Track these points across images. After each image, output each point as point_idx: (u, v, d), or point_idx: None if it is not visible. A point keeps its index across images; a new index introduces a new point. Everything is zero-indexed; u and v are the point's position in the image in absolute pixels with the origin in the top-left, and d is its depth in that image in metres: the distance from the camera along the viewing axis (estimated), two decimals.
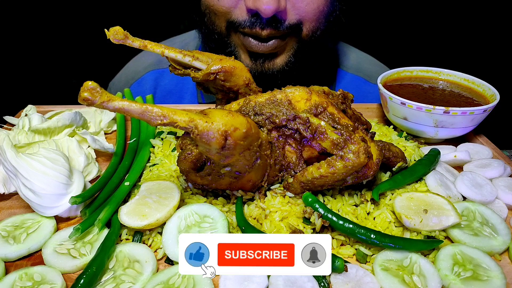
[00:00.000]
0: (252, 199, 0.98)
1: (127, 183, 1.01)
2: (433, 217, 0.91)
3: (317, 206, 0.89)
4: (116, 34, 0.91)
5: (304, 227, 0.90)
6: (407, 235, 0.92)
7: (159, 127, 1.34)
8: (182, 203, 0.97)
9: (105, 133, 1.41)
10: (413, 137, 1.35)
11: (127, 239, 0.91)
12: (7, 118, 1.33)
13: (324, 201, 0.97)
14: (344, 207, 0.96)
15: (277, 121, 0.91)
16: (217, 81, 1.05)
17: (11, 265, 0.85)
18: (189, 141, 0.93)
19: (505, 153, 1.33)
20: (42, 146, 1.13)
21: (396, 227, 0.94)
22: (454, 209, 0.92)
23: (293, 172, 0.97)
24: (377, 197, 0.95)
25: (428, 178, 1.06)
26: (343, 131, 0.87)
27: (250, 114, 0.93)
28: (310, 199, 0.90)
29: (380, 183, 1.01)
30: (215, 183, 0.93)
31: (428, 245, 0.86)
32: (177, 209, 0.92)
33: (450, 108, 1.18)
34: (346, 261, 0.83)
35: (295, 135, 0.93)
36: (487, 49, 3.27)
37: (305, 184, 0.93)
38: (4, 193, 1.02)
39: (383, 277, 0.79)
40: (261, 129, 0.92)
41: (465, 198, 1.04)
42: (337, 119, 0.92)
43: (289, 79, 1.44)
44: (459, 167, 1.21)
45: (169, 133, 1.31)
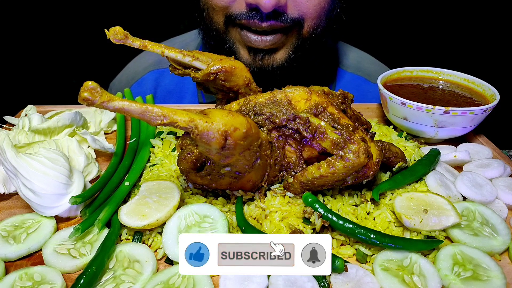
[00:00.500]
0: (252, 199, 0.98)
1: (127, 183, 1.01)
2: (433, 217, 0.91)
3: (317, 206, 0.89)
4: (116, 34, 0.91)
5: (304, 227, 0.90)
6: (407, 235, 0.92)
7: (159, 127, 1.34)
8: (182, 203, 0.97)
9: (105, 133, 1.41)
10: (413, 137, 1.35)
11: (127, 239, 0.91)
12: (7, 118, 1.33)
13: (324, 201, 0.97)
14: (344, 207, 0.96)
15: (277, 121, 0.91)
16: (217, 81, 1.05)
17: (11, 265, 0.85)
18: (189, 141, 0.93)
19: (505, 153, 1.33)
20: (42, 146, 1.13)
21: (396, 227, 0.94)
22: (454, 209, 0.92)
23: (293, 172, 0.97)
24: (377, 197, 0.95)
25: (428, 178, 1.06)
26: (343, 131, 0.87)
27: (250, 114, 0.93)
28: (310, 199, 0.90)
29: (380, 183, 1.01)
30: (215, 183, 0.93)
31: (428, 245, 0.86)
32: (177, 209, 0.92)
33: (450, 108, 1.18)
34: (346, 261, 0.83)
35: (295, 135, 0.93)
36: (487, 49, 3.27)
37: (305, 184, 0.93)
38: (4, 193, 1.02)
39: (383, 277, 0.79)
40: (261, 129, 0.92)
41: (465, 198, 1.04)
42: (337, 119, 0.92)
43: (288, 76, 1.44)
44: (459, 167, 1.21)
45: (169, 133, 1.30)
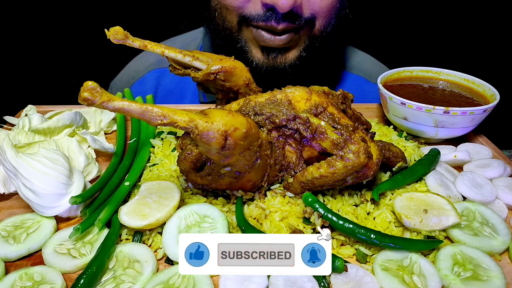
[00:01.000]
0: (252, 199, 0.98)
1: (127, 183, 1.01)
2: (433, 217, 0.91)
3: (317, 206, 0.89)
4: (116, 34, 0.91)
5: (304, 227, 0.90)
6: (407, 235, 0.92)
7: (159, 127, 1.34)
8: (182, 203, 0.97)
9: (105, 133, 1.41)
10: (413, 137, 1.35)
11: (127, 239, 0.91)
12: (7, 118, 1.33)
13: (324, 201, 0.97)
14: (344, 207, 0.96)
15: (277, 121, 0.91)
16: (217, 81, 1.05)
17: (11, 265, 0.85)
18: (189, 141, 0.93)
19: (505, 153, 1.33)
20: (42, 146, 1.13)
21: (396, 227, 0.94)
22: (454, 209, 0.92)
23: (293, 172, 0.97)
24: (377, 197, 0.95)
25: (428, 178, 1.06)
26: (343, 131, 0.87)
27: (250, 114, 0.93)
28: (310, 199, 0.90)
29: (380, 183, 1.01)
30: (215, 183, 0.93)
31: (428, 245, 0.86)
32: (177, 209, 0.92)
33: (450, 108, 1.18)
34: (346, 261, 0.83)
35: (295, 135, 0.93)
36: (487, 49, 3.27)
37: (305, 184, 0.93)
38: (4, 193, 1.02)
39: (383, 277, 0.79)
40: (261, 129, 0.92)
41: (465, 198, 1.04)
42: (337, 119, 0.92)
43: (298, 76, 1.45)
44: (459, 167, 1.21)
45: (169, 133, 1.30)
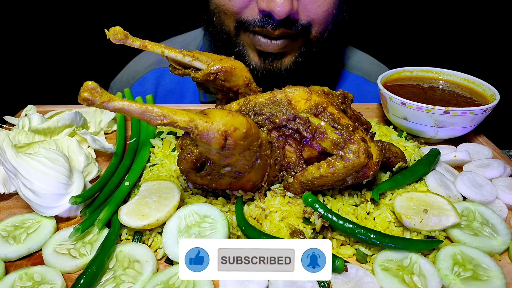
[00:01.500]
0: (252, 199, 0.98)
1: (127, 183, 1.01)
2: (433, 217, 0.91)
3: (317, 206, 0.89)
4: (116, 34, 0.91)
5: (304, 227, 0.90)
6: (407, 235, 0.92)
7: (159, 127, 1.34)
8: (182, 203, 0.97)
9: (105, 133, 1.41)
10: (413, 137, 1.35)
11: (127, 239, 0.91)
12: (7, 118, 1.33)
13: (324, 201, 0.97)
14: (344, 207, 0.96)
15: (277, 121, 0.91)
16: (217, 81, 1.05)
17: (11, 265, 0.85)
18: (189, 141, 0.93)
19: (505, 153, 1.33)
20: (42, 146, 1.13)
21: (396, 227, 0.94)
22: (454, 209, 0.92)
23: (293, 172, 0.97)
24: (377, 197, 0.95)
25: (428, 178, 1.06)
26: (343, 131, 0.87)
27: (250, 114, 0.93)
28: (310, 199, 0.90)
29: (380, 183, 1.01)
30: (215, 183, 0.93)
31: (428, 245, 0.86)
32: (177, 209, 0.92)
33: (450, 108, 1.18)
34: (346, 261, 0.83)
35: (295, 135, 0.93)
36: (487, 49, 3.27)
37: (305, 184, 0.93)
38: (4, 193, 1.02)
39: (383, 277, 0.79)
40: (261, 129, 0.92)
41: (465, 198, 1.04)
42: (337, 119, 0.92)
43: (295, 78, 1.45)
44: (459, 167, 1.21)
45: (169, 133, 1.30)
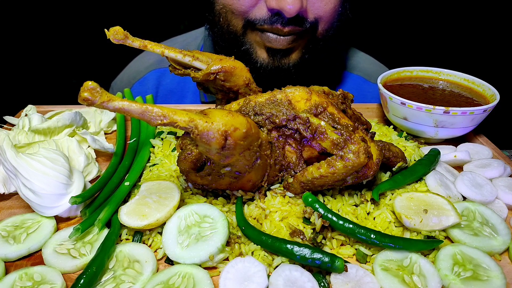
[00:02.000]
0: (252, 199, 0.98)
1: (127, 183, 1.01)
2: (433, 217, 0.91)
3: (317, 206, 0.89)
4: (116, 34, 0.91)
5: (304, 227, 0.90)
6: (407, 235, 0.92)
7: (159, 127, 1.34)
8: (182, 203, 0.97)
9: (105, 133, 1.41)
10: (413, 137, 1.35)
11: (127, 239, 0.91)
12: (7, 118, 1.33)
13: (324, 201, 0.97)
14: (344, 207, 0.96)
15: (277, 121, 0.91)
16: (217, 81, 1.05)
17: (11, 265, 0.85)
18: (189, 141, 0.93)
19: (505, 153, 1.33)
20: (42, 146, 1.13)
21: (396, 227, 0.94)
22: (454, 209, 0.92)
23: (293, 172, 0.97)
24: (377, 197, 0.95)
25: (428, 178, 1.06)
26: (343, 131, 0.87)
27: (250, 114, 0.93)
28: (310, 199, 0.90)
29: (380, 183, 1.01)
30: (215, 183, 0.93)
31: (428, 245, 0.86)
32: (177, 209, 0.92)
33: (450, 108, 1.18)
34: (346, 261, 0.83)
35: (295, 135, 0.93)
36: (487, 49, 3.27)
37: (305, 184, 0.93)
38: (4, 193, 1.02)
39: (383, 277, 0.79)
40: (261, 129, 0.92)
41: (465, 198, 1.04)
42: (337, 119, 0.92)
43: (302, 75, 1.47)
44: (459, 167, 1.21)
45: (169, 133, 1.30)
